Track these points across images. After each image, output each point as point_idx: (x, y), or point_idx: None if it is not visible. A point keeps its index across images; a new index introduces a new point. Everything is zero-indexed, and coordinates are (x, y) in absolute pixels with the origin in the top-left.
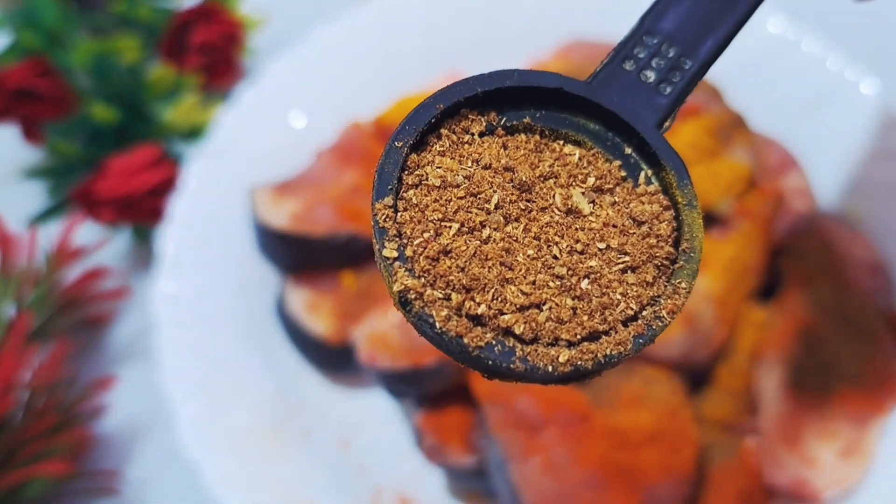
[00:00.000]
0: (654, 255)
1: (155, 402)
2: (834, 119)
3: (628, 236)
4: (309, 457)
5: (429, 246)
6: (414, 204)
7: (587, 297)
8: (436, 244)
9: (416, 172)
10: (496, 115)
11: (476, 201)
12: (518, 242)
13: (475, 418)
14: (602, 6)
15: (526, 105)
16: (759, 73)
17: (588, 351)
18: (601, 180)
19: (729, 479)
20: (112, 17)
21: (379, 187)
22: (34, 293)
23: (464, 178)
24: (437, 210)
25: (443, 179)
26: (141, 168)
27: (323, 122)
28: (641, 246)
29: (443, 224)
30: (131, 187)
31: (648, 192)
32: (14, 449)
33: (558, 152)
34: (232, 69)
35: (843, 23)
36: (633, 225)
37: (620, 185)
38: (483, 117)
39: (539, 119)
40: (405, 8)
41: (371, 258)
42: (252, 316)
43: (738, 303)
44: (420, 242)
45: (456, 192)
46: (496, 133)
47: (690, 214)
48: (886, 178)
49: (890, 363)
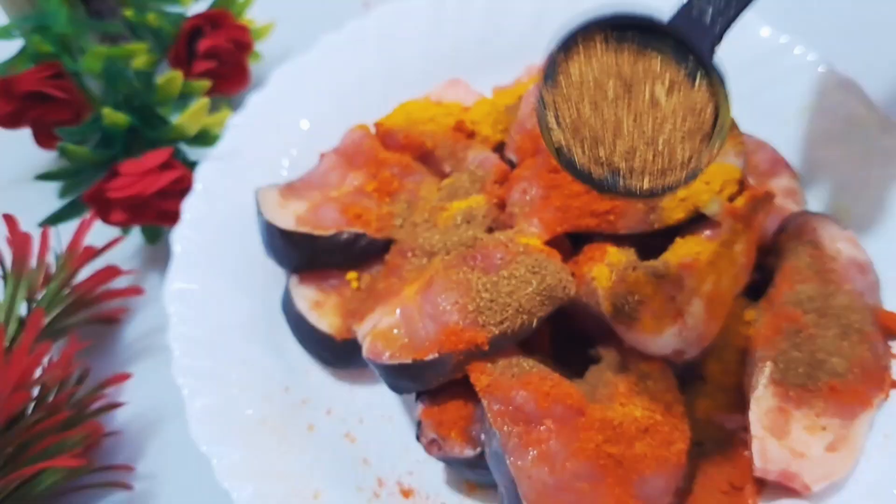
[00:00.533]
0: (701, 128)
1: (167, 397)
2: (822, 121)
3: (687, 117)
4: (314, 449)
5: (571, 116)
6: (563, 87)
7: (661, 151)
8: (576, 114)
9: (563, 68)
10: (611, 34)
11: (599, 90)
12: (623, 117)
13: (475, 412)
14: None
15: (630, 29)
16: (750, 77)
17: (659, 181)
18: (672, 79)
19: (720, 473)
20: (122, 24)
21: (545, 74)
22: (46, 291)
23: (592, 76)
24: (576, 93)
25: (581, 74)
26: (151, 171)
27: (328, 125)
28: (694, 123)
29: (579, 104)
30: (141, 190)
31: (701, 90)
32: (26, 443)
33: (647, 59)
34: (240, 75)
35: (832, 27)
36: (690, 111)
37: (684, 84)
38: (602, 35)
39: (636, 38)
40: (408, 16)
41: (373, 257)
42: (260, 313)
43: (729, 301)
44: (567, 112)
45: (587, 84)
46: (610, 46)
47: (724, 105)
48: (873, 178)
49: (876, 359)
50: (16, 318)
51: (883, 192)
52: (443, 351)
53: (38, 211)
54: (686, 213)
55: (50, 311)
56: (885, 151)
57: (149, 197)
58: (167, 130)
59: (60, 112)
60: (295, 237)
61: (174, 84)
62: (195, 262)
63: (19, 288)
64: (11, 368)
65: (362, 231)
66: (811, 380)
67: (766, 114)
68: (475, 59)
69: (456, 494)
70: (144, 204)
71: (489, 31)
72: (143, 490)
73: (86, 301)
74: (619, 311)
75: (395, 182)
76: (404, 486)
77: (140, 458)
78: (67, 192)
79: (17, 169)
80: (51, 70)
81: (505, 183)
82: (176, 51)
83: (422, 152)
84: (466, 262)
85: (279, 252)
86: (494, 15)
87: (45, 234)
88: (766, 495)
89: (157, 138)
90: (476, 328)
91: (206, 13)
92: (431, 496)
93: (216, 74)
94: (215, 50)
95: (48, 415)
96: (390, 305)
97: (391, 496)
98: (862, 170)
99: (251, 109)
